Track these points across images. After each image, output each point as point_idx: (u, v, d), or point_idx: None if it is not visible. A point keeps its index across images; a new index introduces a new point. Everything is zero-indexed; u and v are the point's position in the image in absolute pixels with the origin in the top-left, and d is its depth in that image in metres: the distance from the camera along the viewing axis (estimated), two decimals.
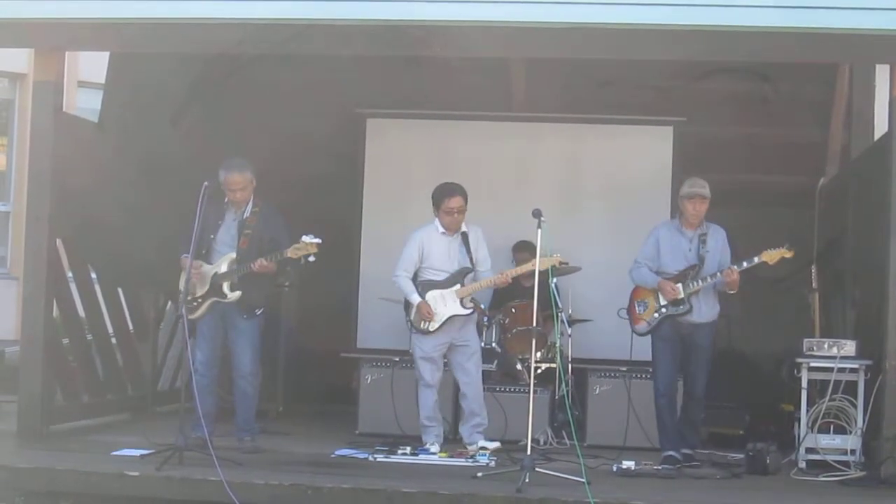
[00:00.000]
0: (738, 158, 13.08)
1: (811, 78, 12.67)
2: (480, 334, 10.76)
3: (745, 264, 9.85)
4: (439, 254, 10.26)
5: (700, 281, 9.89)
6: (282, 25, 9.51)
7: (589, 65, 11.58)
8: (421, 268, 10.30)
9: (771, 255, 9.84)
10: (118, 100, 11.57)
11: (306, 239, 9.65)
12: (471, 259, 10.25)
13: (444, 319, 10.18)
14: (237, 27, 9.60)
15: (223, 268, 9.95)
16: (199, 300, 9.98)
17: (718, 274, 9.83)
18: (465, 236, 10.28)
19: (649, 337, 10.13)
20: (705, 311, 10.00)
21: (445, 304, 10.19)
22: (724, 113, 12.95)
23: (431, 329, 10.20)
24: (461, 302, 10.20)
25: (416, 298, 10.22)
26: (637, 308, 10.16)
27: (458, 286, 10.21)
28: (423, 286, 10.24)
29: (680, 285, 9.90)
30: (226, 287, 9.94)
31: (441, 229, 10.27)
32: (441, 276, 10.24)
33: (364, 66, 11.64)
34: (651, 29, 9.23)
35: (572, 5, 9.34)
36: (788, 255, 9.83)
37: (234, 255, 9.96)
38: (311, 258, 9.67)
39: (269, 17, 9.47)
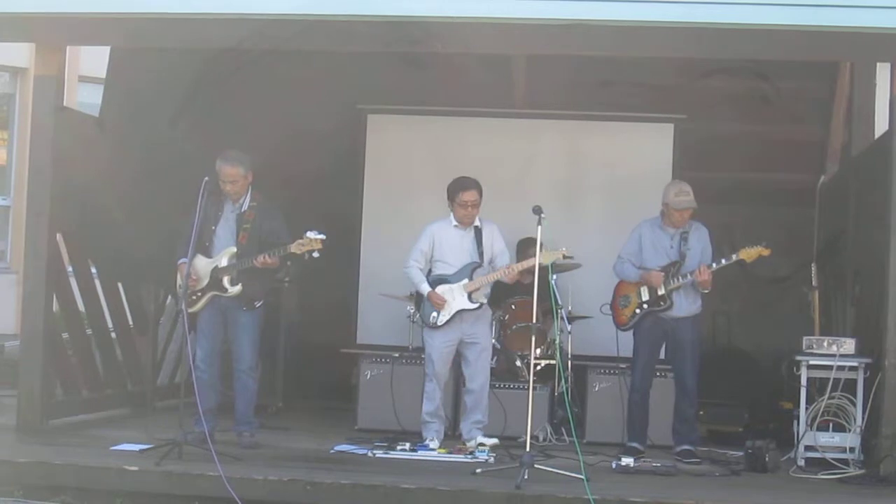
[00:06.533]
0: (738, 156, 13.07)
1: (812, 76, 12.66)
2: None
3: (723, 261, 10.01)
4: (451, 247, 10.25)
5: (680, 278, 10.04)
6: (284, 21, 9.47)
7: (590, 62, 11.59)
8: (433, 261, 10.29)
9: (749, 253, 9.94)
10: (119, 95, 11.54)
11: (310, 234, 9.57)
12: (481, 254, 10.24)
13: (452, 313, 10.19)
14: (240, 22, 9.56)
15: (223, 262, 9.90)
16: (199, 294, 9.94)
17: (689, 274, 9.98)
18: (477, 231, 10.27)
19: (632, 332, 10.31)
20: (686, 305, 10.14)
21: (454, 298, 10.19)
22: (724, 110, 12.94)
23: (440, 323, 10.19)
24: (469, 296, 10.19)
25: (426, 288, 10.20)
26: (620, 303, 10.33)
27: (465, 280, 10.20)
28: (433, 282, 10.23)
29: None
30: (226, 281, 9.88)
31: (454, 222, 10.27)
32: (451, 270, 10.22)
33: (365, 63, 11.64)
34: (652, 26, 9.20)
35: (573, 1, 9.32)
36: (766, 252, 9.94)
37: (234, 248, 9.90)
38: (316, 254, 9.59)
39: (271, 13, 9.45)
